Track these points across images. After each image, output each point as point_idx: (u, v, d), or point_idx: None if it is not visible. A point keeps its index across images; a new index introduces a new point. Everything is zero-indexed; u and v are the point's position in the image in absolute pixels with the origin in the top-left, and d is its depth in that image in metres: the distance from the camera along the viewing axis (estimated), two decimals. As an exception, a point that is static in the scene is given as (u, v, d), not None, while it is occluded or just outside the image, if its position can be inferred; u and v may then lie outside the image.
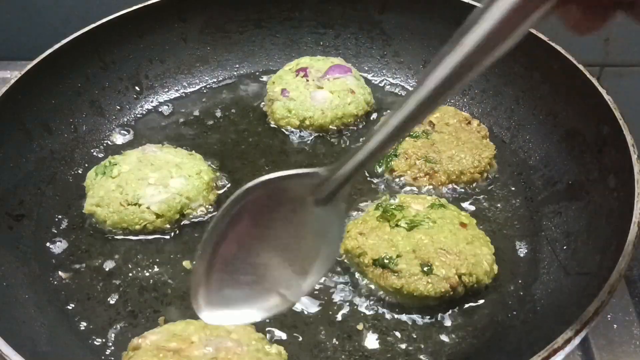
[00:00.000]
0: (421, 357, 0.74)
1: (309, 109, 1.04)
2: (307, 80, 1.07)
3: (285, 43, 1.19)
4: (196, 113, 1.11)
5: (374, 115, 1.08)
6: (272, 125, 1.07)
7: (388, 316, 0.78)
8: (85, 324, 0.78)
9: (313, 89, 1.06)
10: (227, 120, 1.09)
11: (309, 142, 1.04)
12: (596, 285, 0.66)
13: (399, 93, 1.15)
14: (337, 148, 1.03)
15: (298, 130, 1.05)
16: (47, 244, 0.87)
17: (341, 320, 0.78)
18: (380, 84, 1.16)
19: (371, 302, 0.79)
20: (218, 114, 1.10)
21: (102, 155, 1.02)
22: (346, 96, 1.05)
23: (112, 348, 0.75)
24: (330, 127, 1.05)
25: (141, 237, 0.88)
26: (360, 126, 1.06)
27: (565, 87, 0.95)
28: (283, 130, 1.05)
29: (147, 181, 0.89)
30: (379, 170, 0.97)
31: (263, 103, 1.11)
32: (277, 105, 1.06)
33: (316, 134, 1.05)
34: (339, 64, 1.10)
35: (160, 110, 1.12)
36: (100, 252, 0.87)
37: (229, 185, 0.96)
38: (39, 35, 1.25)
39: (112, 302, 0.80)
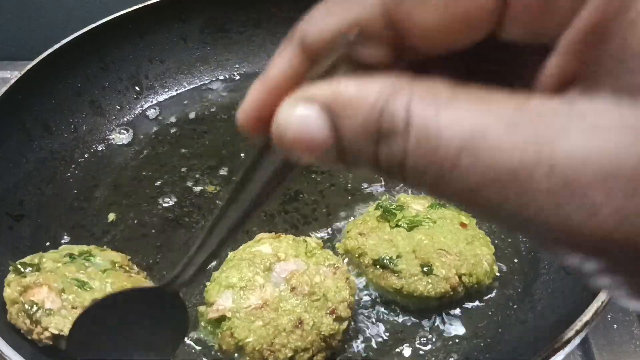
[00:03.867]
0: (421, 357, 0.74)
1: None
2: None
3: (285, 43, 1.19)
4: (196, 113, 1.11)
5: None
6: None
7: (388, 317, 0.78)
8: (85, 324, 0.78)
9: None
10: (228, 120, 1.09)
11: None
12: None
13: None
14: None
15: None
16: (47, 244, 0.87)
17: (341, 320, 0.78)
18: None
19: (371, 303, 0.79)
20: (218, 113, 1.10)
21: (102, 155, 1.02)
22: None
23: (112, 348, 0.75)
24: None
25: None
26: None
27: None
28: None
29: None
30: (379, 170, 0.97)
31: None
32: None
33: None
34: None
35: (160, 110, 1.12)
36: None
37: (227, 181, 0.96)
38: (39, 35, 1.25)
39: (112, 302, 0.80)
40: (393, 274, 0.77)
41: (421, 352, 0.74)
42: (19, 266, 0.74)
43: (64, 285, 0.71)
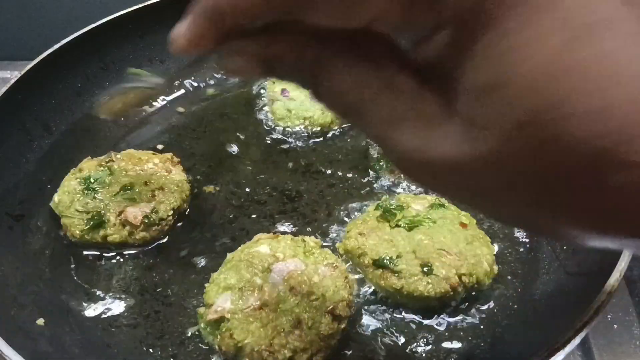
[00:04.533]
0: (421, 357, 0.74)
1: (309, 109, 1.04)
2: None
3: (285, 43, 1.19)
4: (196, 113, 1.11)
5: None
6: (272, 125, 1.07)
7: (388, 317, 0.78)
8: (85, 323, 0.78)
9: None
10: (228, 120, 1.09)
11: (309, 142, 1.04)
12: (596, 285, 0.66)
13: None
14: (338, 148, 1.02)
15: (298, 130, 1.05)
16: (47, 244, 0.87)
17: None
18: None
19: (371, 303, 0.79)
20: (218, 114, 1.10)
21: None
22: None
23: (112, 348, 0.75)
24: (331, 126, 1.05)
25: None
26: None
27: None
28: (283, 130, 1.05)
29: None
30: (379, 170, 0.97)
31: (263, 103, 1.11)
32: (278, 105, 1.05)
33: (317, 134, 1.05)
34: None
35: (159, 109, 1.12)
36: (100, 252, 0.87)
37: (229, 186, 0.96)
38: (39, 35, 1.25)
39: (111, 302, 0.80)
40: (393, 274, 0.77)
41: (421, 352, 0.74)
42: (93, 222, 0.85)
43: (124, 199, 0.86)
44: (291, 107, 1.04)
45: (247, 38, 0.36)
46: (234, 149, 1.03)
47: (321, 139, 1.04)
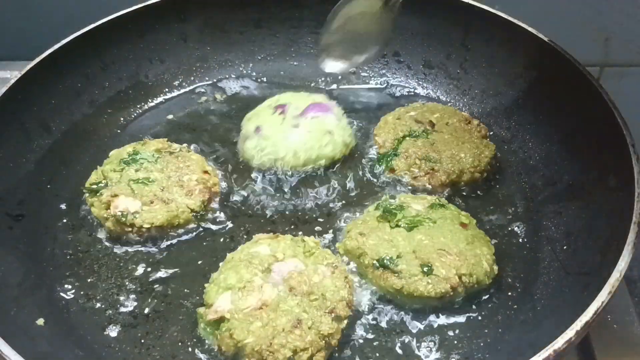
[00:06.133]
0: (421, 357, 0.74)
1: (281, 149, 0.95)
2: (284, 118, 0.99)
3: (285, 43, 1.19)
4: (196, 113, 1.11)
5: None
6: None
7: (388, 317, 0.78)
8: (85, 323, 0.78)
9: (288, 128, 0.97)
10: (227, 120, 1.09)
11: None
12: (596, 285, 0.66)
13: (399, 93, 1.15)
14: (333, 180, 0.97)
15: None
16: (47, 244, 0.87)
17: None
18: (380, 85, 1.16)
19: (372, 303, 0.79)
20: (217, 114, 1.10)
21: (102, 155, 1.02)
22: (322, 137, 0.97)
23: (112, 348, 0.75)
24: (304, 168, 0.97)
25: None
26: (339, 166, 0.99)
27: (565, 87, 0.94)
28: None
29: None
30: (379, 169, 0.96)
31: (236, 139, 1.03)
32: (248, 145, 0.98)
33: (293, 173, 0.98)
34: (320, 102, 1.02)
35: (159, 110, 1.12)
36: (99, 252, 0.87)
37: (225, 185, 0.96)
38: (39, 35, 1.25)
39: (111, 302, 0.80)
40: (393, 274, 0.77)
41: (421, 351, 0.74)
42: (93, 187, 0.89)
43: (133, 188, 0.87)
44: (263, 147, 0.96)
45: None
46: (233, 149, 1.03)
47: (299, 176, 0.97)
